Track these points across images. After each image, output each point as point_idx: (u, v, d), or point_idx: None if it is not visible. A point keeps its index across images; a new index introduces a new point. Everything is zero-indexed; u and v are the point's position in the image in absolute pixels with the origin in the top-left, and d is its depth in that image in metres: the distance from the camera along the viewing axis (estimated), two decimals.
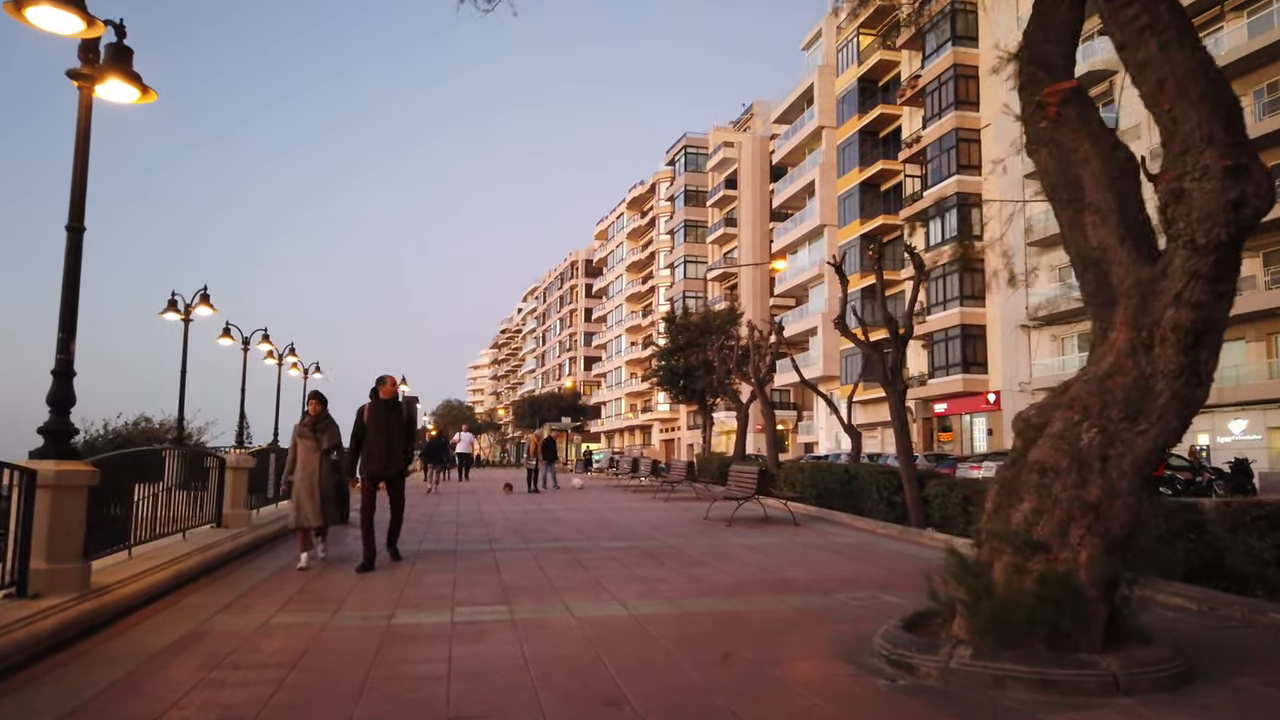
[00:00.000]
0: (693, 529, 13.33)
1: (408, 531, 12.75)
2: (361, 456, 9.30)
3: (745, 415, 23.85)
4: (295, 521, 9.45)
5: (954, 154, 42.30)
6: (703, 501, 19.38)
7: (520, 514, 16.48)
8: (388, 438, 9.19)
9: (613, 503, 19.39)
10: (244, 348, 23.70)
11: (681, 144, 71.95)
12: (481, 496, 21.97)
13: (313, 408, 9.69)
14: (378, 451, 9.20)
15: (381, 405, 9.27)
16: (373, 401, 9.34)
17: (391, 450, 9.25)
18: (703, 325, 29.53)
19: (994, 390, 40.83)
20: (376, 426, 9.18)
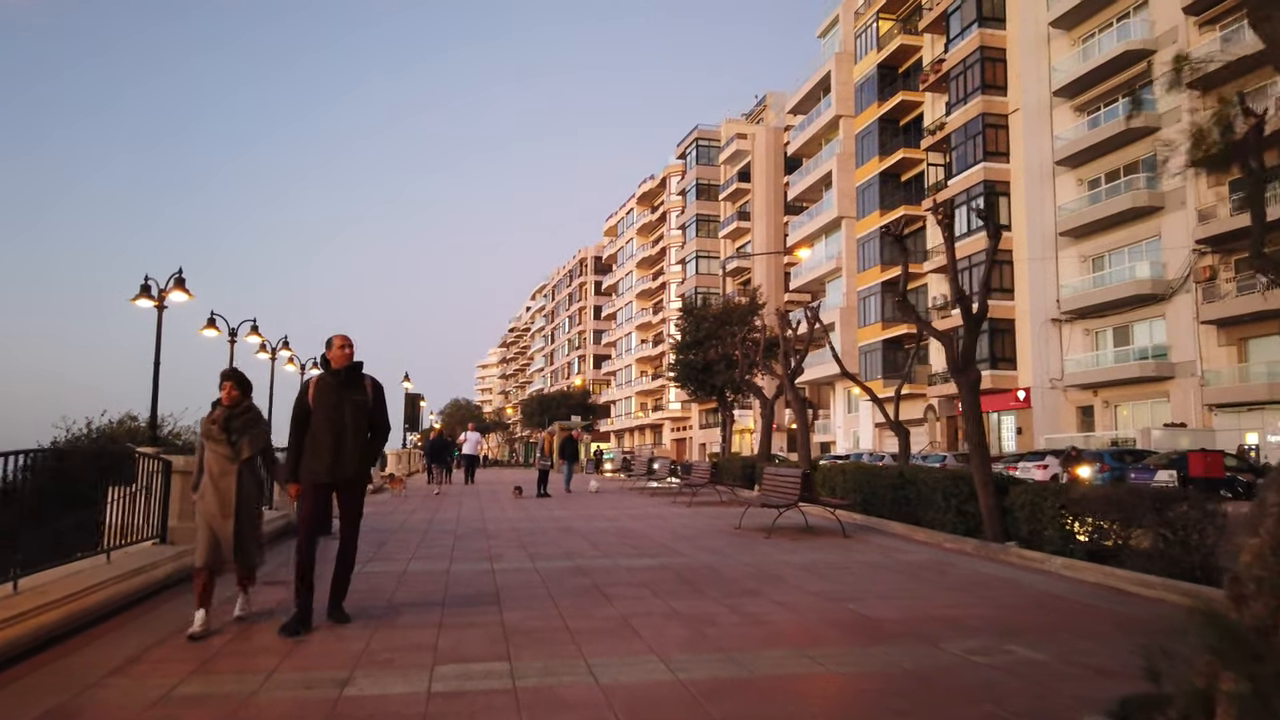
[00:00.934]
0: (727, 542, 11.38)
1: (396, 547, 10.88)
2: (304, 453, 6.30)
3: (770, 412, 21.91)
4: (198, 559, 6.21)
5: (980, 140, 40.24)
6: (729, 507, 17.43)
7: (528, 523, 14.56)
8: (339, 426, 6.22)
9: (630, 509, 17.46)
10: (230, 339, 21.84)
11: (693, 136, 69.98)
12: (486, 500, 20.06)
13: (227, 394, 6.36)
14: (325, 445, 6.20)
15: (332, 379, 6.34)
16: (321, 374, 6.50)
17: (342, 445, 6.23)
18: (723, 317, 27.60)
19: (1023, 387, 38.75)
20: (324, 409, 6.22)
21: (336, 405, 6.25)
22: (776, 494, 12.52)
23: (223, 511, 6.20)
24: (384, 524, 14.30)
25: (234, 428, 6.27)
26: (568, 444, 22.73)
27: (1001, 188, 40.08)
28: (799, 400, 19.09)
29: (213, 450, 6.26)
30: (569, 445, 22.72)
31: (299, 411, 6.32)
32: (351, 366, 6.44)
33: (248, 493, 6.35)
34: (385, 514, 16.35)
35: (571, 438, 22.92)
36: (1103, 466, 25.91)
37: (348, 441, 6.26)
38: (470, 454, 26.24)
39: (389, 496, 21.92)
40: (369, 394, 6.44)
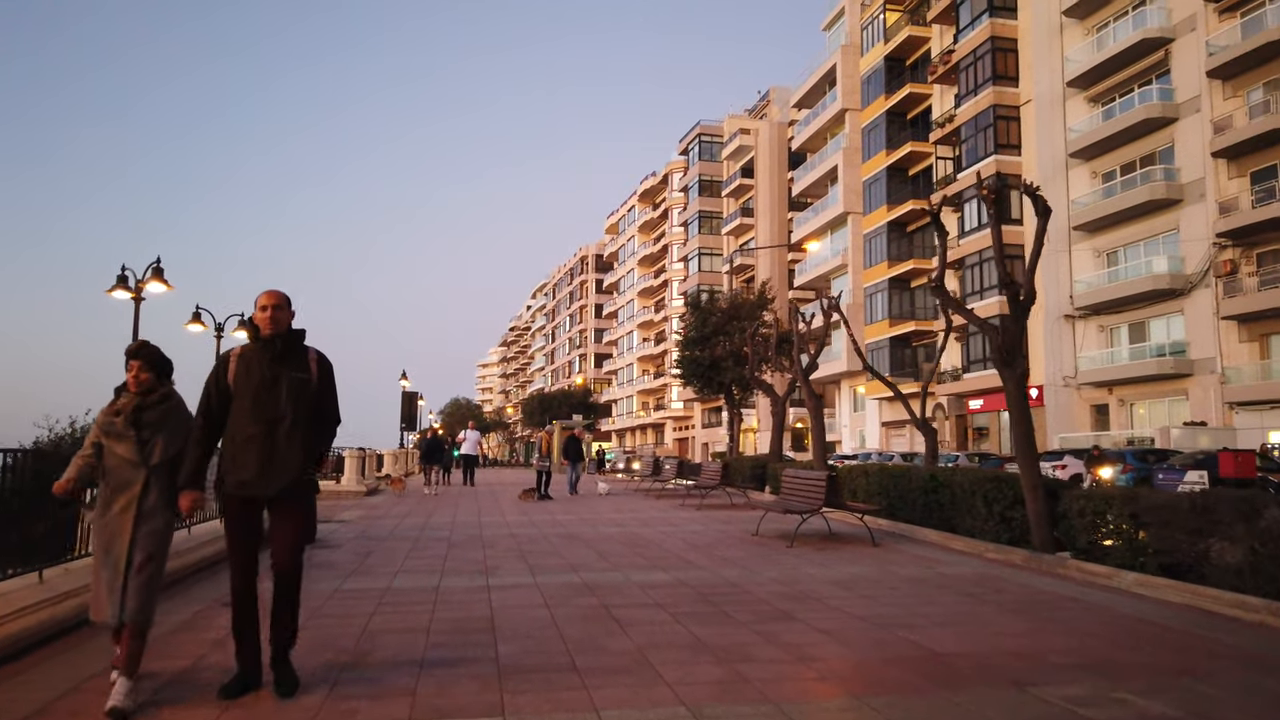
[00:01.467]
0: (747, 552, 10.31)
1: (383, 558, 9.80)
2: (223, 455, 4.59)
3: (782, 410, 20.86)
4: (93, 611, 4.49)
5: (991, 132, 39.18)
6: (742, 511, 16.37)
7: (528, 528, 13.49)
8: (270, 415, 4.49)
9: (637, 512, 16.40)
10: (217, 335, 20.80)
11: (695, 132, 68.90)
12: (485, 503, 19.00)
13: (134, 376, 4.58)
14: (251, 443, 4.46)
15: (262, 352, 4.57)
16: (245, 345, 4.72)
17: (275, 442, 4.49)
18: (730, 311, 26.50)
19: (1035, 385, 37.64)
20: (250, 391, 4.49)
21: (268, 387, 4.45)
22: (798, 498, 11.45)
23: (113, 538, 4.40)
24: (374, 530, 13.24)
25: (145, 422, 4.51)
26: (571, 444, 21.30)
27: (1013, 181, 38.96)
28: (813, 398, 18.02)
29: (114, 449, 4.48)
30: (573, 445, 21.30)
31: (212, 396, 4.49)
32: (289, 335, 4.60)
33: (153, 512, 4.49)
34: (377, 518, 15.30)
35: (575, 437, 21.59)
36: (1125, 467, 24.83)
37: (282, 437, 4.46)
38: (469, 454, 25.47)
39: (384, 499, 20.87)
40: (313, 372, 4.62)
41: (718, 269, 66.97)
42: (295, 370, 4.56)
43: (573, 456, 21.25)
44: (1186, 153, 32.66)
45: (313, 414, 4.65)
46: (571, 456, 21.22)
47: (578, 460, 21.40)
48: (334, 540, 11.76)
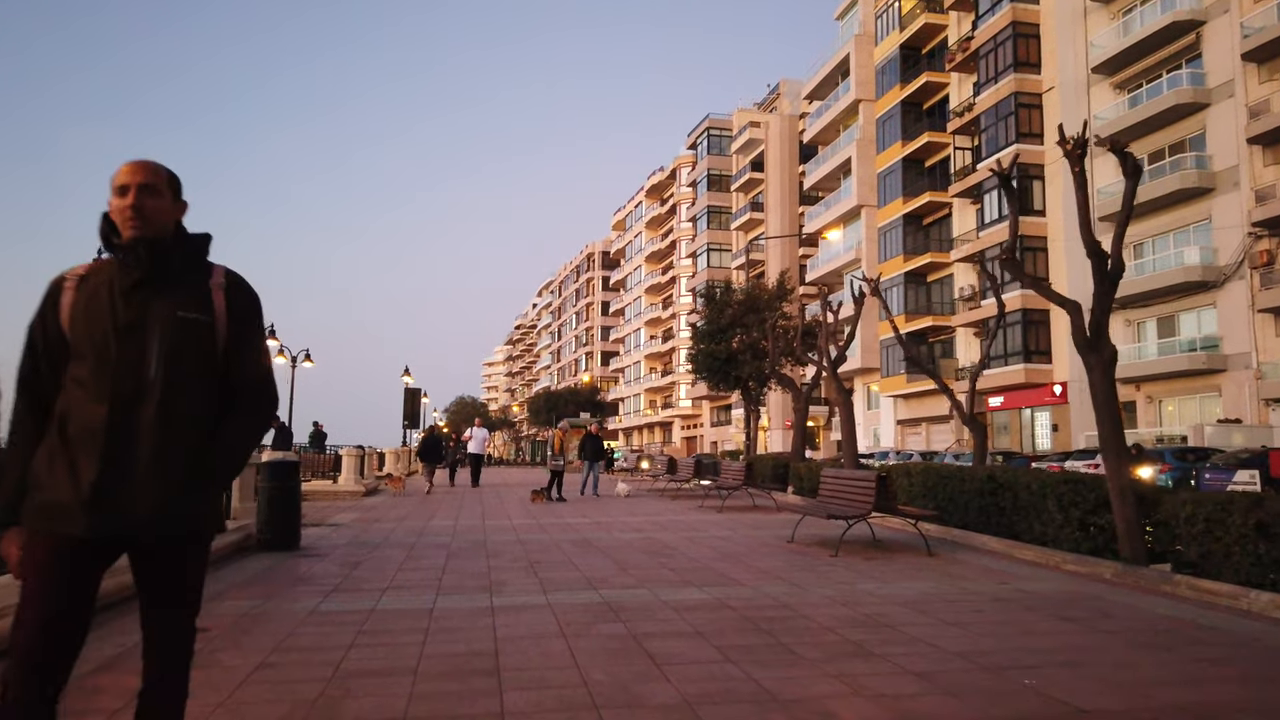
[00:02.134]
0: (788, 563, 9.01)
1: (372, 569, 8.52)
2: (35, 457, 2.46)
3: (805, 406, 19.53)
4: None
5: (1013, 120, 37.79)
6: (768, 514, 15.07)
7: (537, 534, 12.20)
8: (127, 386, 2.41)
9: (654, 515, 15.10)
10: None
11: (704, 126, 67.57)
12: (490, 505, 17.72)
13: None
14: (84, 437, 2.39)
15: (117, 274, 2.50)
16: (94, 263, 2.58)
17: (134, 435, 2.40)
18: (747, 303, 25.18)
19: (1059, 381, 36.30)
20: (93, 345, 2.44)
21: (125, 334, 2.45)
22: (842, 502, 10.13)
23: None
24: (368, 535, 11.97)
25: None
26: (589, 442, 19.31)
27: (1035, 170, 37.66)
28: (842, 392, 16.71)
29: None
30: (591, 443, 19.32)
31: (38, 352, 2.52)
32: (174, 242, 2.59)
33: None
34: (373, 521, 14.03)
35: (594, 434, 19.48)
36: (1164, 466, 23.47)
37: (148, 426, 2.42)
38: (476, 452, 23.95)
39: (383, 500, 19.61)
40: (217, 309, 2.59)
41: (727, 264, 65.67)
42: (180, 306, 2.50)
43: (591, 455, 19.57)
44: (1219, 139, 31.26)
45: (215, 384, 2.58)
46: (590, 455, 19.54)
47: (596, 459, 19.64)
48: (321, 548, 10.48)
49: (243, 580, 7.95)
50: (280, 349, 27.41)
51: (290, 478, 10.37)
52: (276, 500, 10.19)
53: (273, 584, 7.75)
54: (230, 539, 9.84)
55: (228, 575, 8.25)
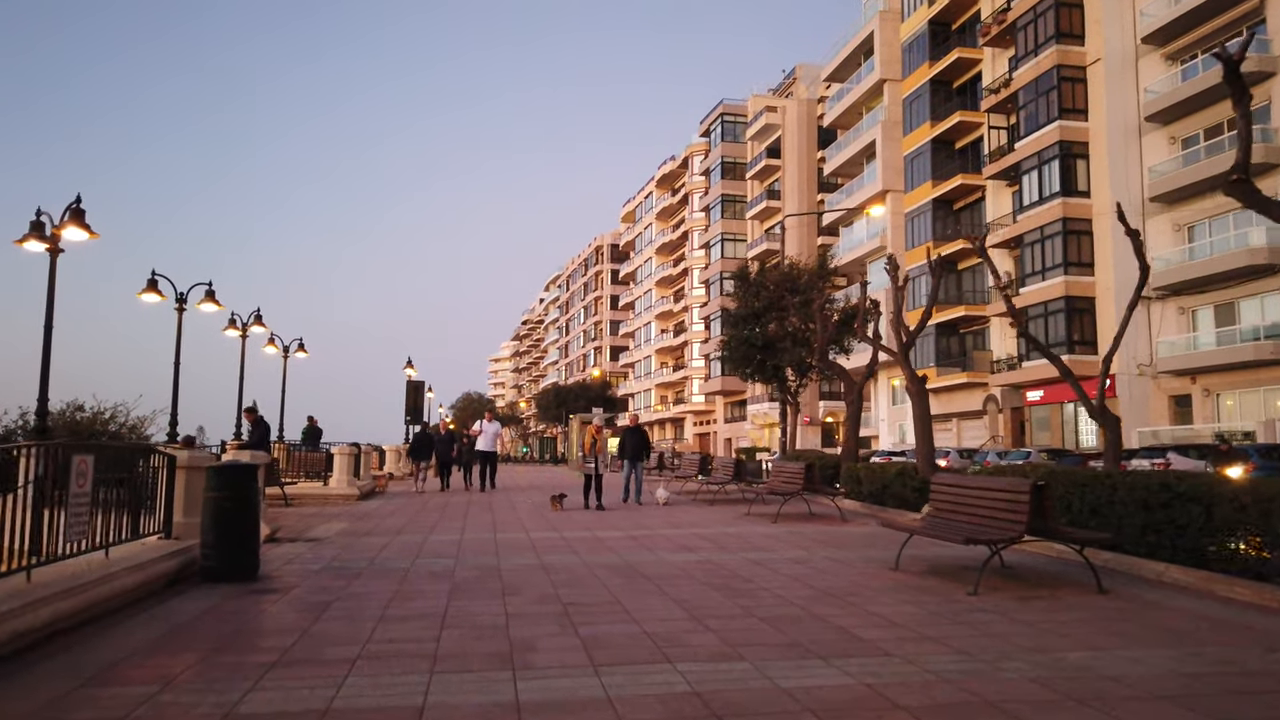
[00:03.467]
0: (922, 609, 6.47)
1: (344, 614, 5.86)
2: None
3: (859, 398, 16.96)
4: None
5: (1055, 96, 35.13)
6: (831, 523, 12.54)
7: (564, 554, 9.68)
8: None
9: (698, 526, 12.59)
10: (178, 306, 17.06)
11: (718, 112, 64.92)
12: (502, 514, 15.22)
13: None
14: None
15: None
16: None
17: None
18: (786, 284, 22.57)
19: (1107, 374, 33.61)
20: None
21: None
22: (978, 520, 7.55)
23: None
24: (351, 555, 9.49)
25: None
26: (629, 437, 15.92)
27: (1079, 149, 35.02)
28: (916, 381, 14.16)
29: None
30: (632, 439, 15.96)
31: None
32: None
33: None
34: (362, 534, 11.54)
35: (638, 429, 16.24)
36: (1248, 465, 20.90)
37: None
38: (487, 450, 20.42)
39: (379, 504, 17.14)
40: None
41: (741, 255, 63.04)
42: None
43: (632, 454, 16.18)
44: None
45: None
46: (631, 454, 16.20)
47: (638, 460, 16.16)
48: (286, 577, 7.99)
49: (152, 639, 5.45)
50: (270, 338, 24.96)
51: (245, 485, 7.88)
52: (226, 515, 7.70)
53: (191, 648, 5.25)
54: (160, 567, 7.36)
55: (137, 628, 5.75)
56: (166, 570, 7.54)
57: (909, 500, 13.61)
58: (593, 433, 15.47)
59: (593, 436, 15.39)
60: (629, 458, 16.13)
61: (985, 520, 7.31)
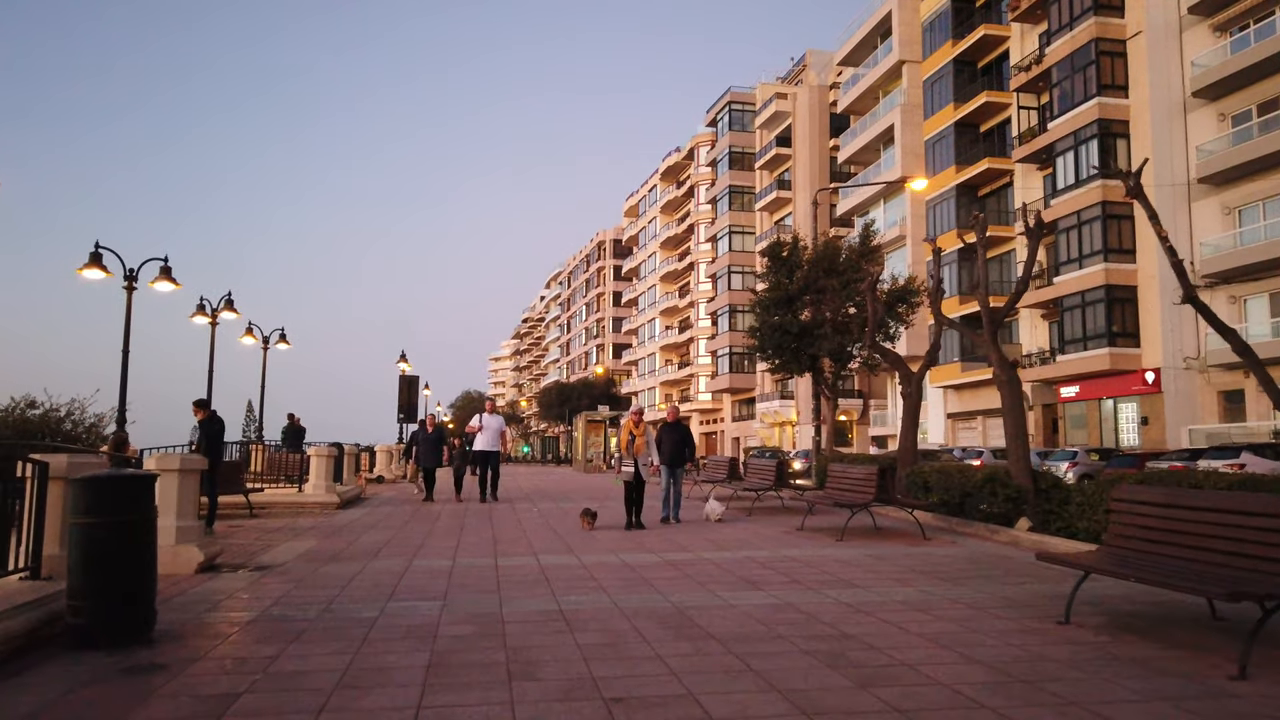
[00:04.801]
0: (1195, 713, 3.99)
1: (271, 707, 3.36)
2: None
3: (918, 391, 14.46)
4: None
5: (1093, 71, 32.64)
6: (912, 542, 10.05)
7: (594, 596, 7.17)
8: None
9: (756, 548, 10.08)
10: (128, 284, 14.59)
11: (725, 100, 62.38)
12: (505, 528, 12.73)
13: None
14: None
15: None
16: None
17: None
18: (824, 263, 19.96)
19: (1151, 368, 31.20)
20: None
21: None
22: (1214, 561, 5.05)
23: None
24: (307, 592, 7.00)
25: None
26: (668, 435, 12.15)
27: (1119, 128, 32.53)
28: (1007, 368, 11.67)
29: None
30: (670, 437, 12.24)
31: None
32: None
33: None
34: (327, 559, 9.04)
35: (680, 425, 12.42)
36: None
37: None
38: (488, 449, 16.17)
39: (361, 515, 14.67)
40: None
41: (750, 248, 60.57)
42: None
43: (672, 457, 12.29)
44: None
45: None
46: (670, 458, 12.29)
47: (678, 465, 12.43)
48: (195, 637, 5.49)
49: None
50: (249, 328, 22.51)
51: (132, 507, 5.38)
52: (101, 549, 5.22)
53: None
54: (5, 625, 4.88)
55: None
56: (15, 629, 5.06)
57: (999, 513, 11.13)
58: (630, 426, 12.00)
59: (631, 432, 11.92)
60: (667, 463, 12.28)
61: (1240, 559, 4.80)
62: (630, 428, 12.10)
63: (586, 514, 11.95)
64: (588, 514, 11.94)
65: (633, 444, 11.95)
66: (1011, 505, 10.94)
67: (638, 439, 11.93)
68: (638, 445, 11.90)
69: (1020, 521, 10.73)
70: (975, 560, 8.83)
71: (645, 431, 11.97)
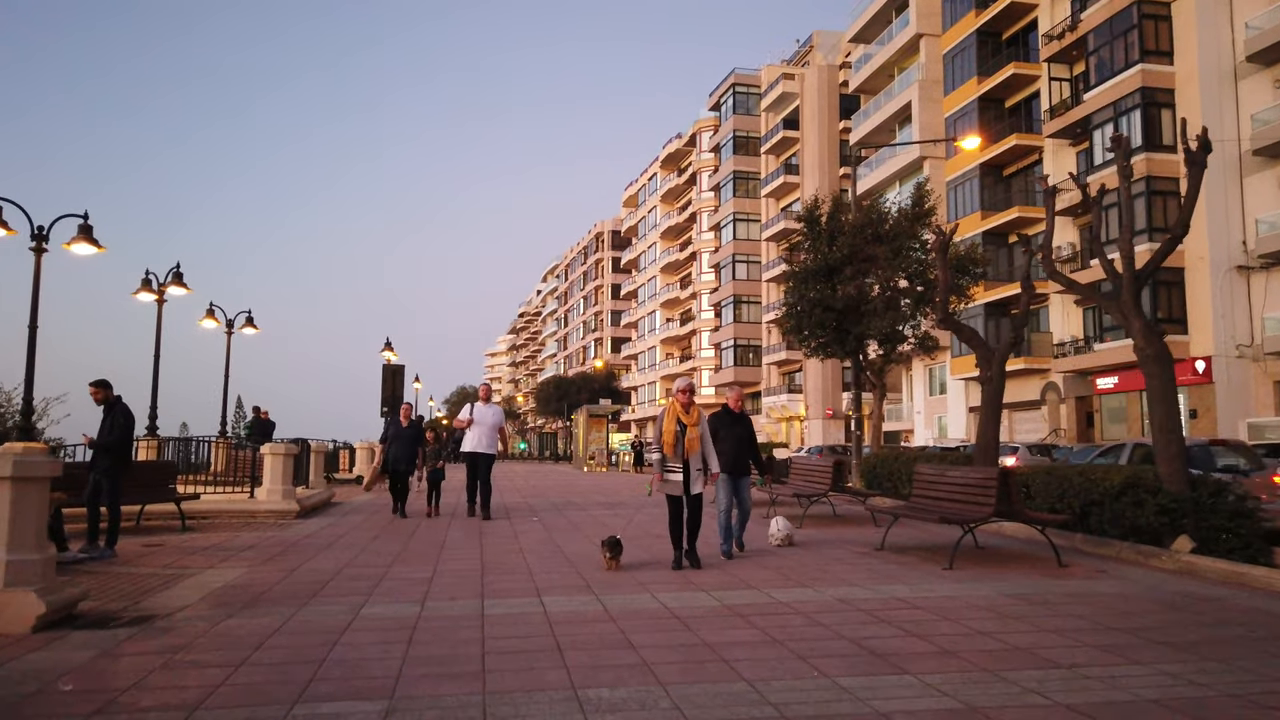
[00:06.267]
0: None
1: None
2: None
3: (1000, 373, 11.72)
4: None
5: (1135, 36, 29.93)
6: (1050, 573, 7.30)
7: (637, 688, 4.38)
8: None
9: (851, 586, 7.29)
10: (36, 245, 11.79)
11: (729, 83, 59.55)
12: (497, 551, 9.99)
13: None
14: None
15: None
16: None
17: None
18: (871, 229, 17.00)
19: (1201, 356, 28.54)
20: None
21: None
22: None
23: None
24: (188, 669, 4.21)
25: None
26: (731, 428, 8.39)
27: (1163, 97, 29.83)
28: (1155, 342, 8.94)
29: None
30: (732, 431, 8.45)
31: None
32: None
33: None
34: (251, 599, 6.27)
35: (743, 415, 8.63)
36: None
37: None
38: (481, 451, 12.28)
39: (324, 526, 11.91)
40: None
41: (755, 236, 57.86)
42: None
43: (734, 462, 8.46)
44: None
45: None
46: (732, 463, 8.42)
47: (742, 473, 8.56)
48: None
49: None
50: (210, 309, 19.75)
51: None
52: None
53: None
54: None
55: None
56: None
57: (1146, 526, 8.42)
58: (678, 410, 7.71)
59: (679, 419, 7.69)
60: (727, 470, 8.30)
61: None
62: (677, 412, 7.71)
63: (608, 547, 7.91)
64: (609, 547, 7.90)
65: (681, 438, 7.65)
66: (1164, 518, 8.23)
67: (689, 430, 7.64)
68: (690, 440, 7.63)
69: (1180, 540, 8.02)
70: (1170, 604, 6.11)
71: (700, 420, 7.74)
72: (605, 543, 8.00)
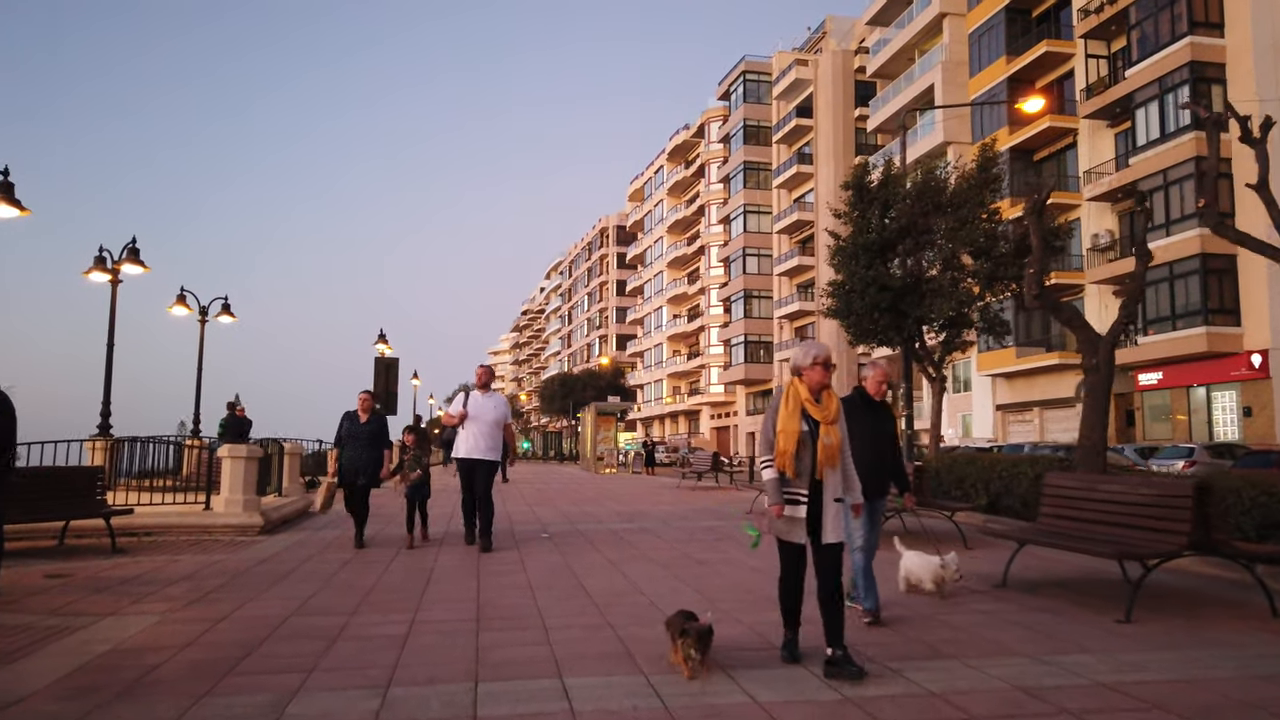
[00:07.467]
0: None
1: None
2: None
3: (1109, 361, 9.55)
4: None
5: (1183, 8, 27.78)
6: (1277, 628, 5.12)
7: None
8: None
9: (1072, 687, 5.14)
10: None
11: (739, 70, 57.37)
12: (499, 588, 7.89)
13: None
14: None
15: None
16: None
17: None
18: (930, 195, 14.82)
19: (1256, 350, 26.38)
20: None
21: None
22: None
23: None
24: None
25: None
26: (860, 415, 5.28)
27: (1213, 72, 27.69)
28: None
29: None
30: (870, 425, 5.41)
31: None
32: None
33: None
34: (143, 671, 4.13)
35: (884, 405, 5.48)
36: None
37: None
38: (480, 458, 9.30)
39: (287, 545, 9.80)
40: None
41: (766, 229, 55.73)
42: None
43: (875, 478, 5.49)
44: None
45: None
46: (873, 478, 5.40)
47: (883, 494, 5.73)
48: None
49: None
50: (180, 295, 17.68)
51: None
52: None
53: None
54: None
55: None
56: None
57: None
58: (805, 397, 4.44)
59: (809, 413, 4.39)
60: (873, 494, 5.56)
61: None
62: (804, 400, 4.43)
63: (693, 641, 4.29)
64: (697, 641, 4.30)
65: (811, 445, 4.38)
66: None
67: (825, 431, 4.37)
68: (826, 450, 4.35)
69: None
70: None
71: (839, 416, 4.46)
72: (686, 633, 4.30)
